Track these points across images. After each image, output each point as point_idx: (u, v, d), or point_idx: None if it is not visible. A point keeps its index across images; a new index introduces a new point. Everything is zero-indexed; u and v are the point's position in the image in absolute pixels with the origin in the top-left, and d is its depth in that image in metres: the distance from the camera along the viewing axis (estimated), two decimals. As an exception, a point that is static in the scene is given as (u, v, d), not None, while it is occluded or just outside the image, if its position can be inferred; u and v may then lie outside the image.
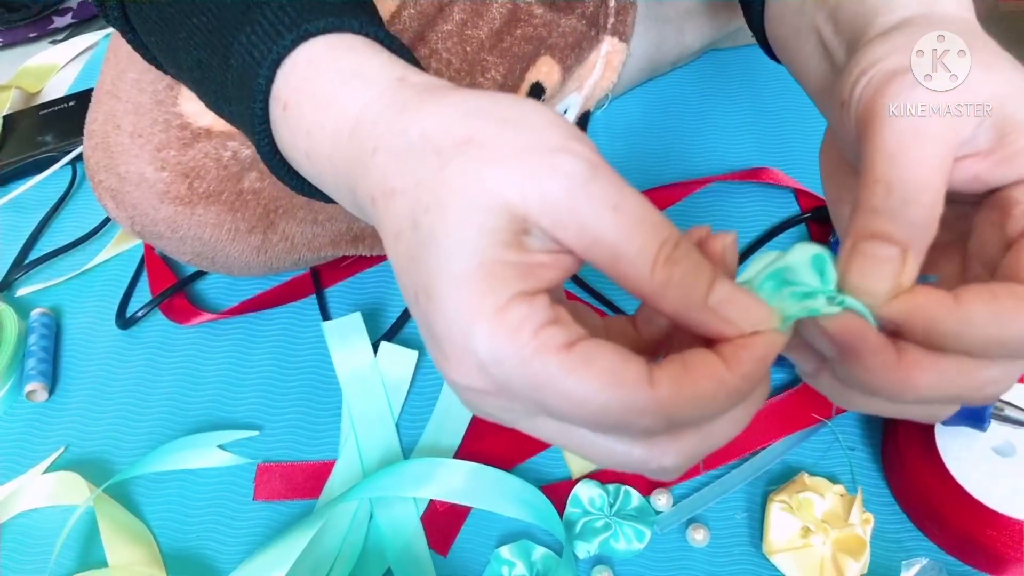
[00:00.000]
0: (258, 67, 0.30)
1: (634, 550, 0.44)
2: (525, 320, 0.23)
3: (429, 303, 0.24)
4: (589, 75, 0.65)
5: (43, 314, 0.60)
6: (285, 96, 0.30)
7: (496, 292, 0.23)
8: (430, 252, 0.24)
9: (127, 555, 0.47)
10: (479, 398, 0.25)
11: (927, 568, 0.41)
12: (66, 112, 0.78)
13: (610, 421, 0.23)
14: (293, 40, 0.30)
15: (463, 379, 0.24)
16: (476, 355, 0.23)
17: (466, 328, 0.23)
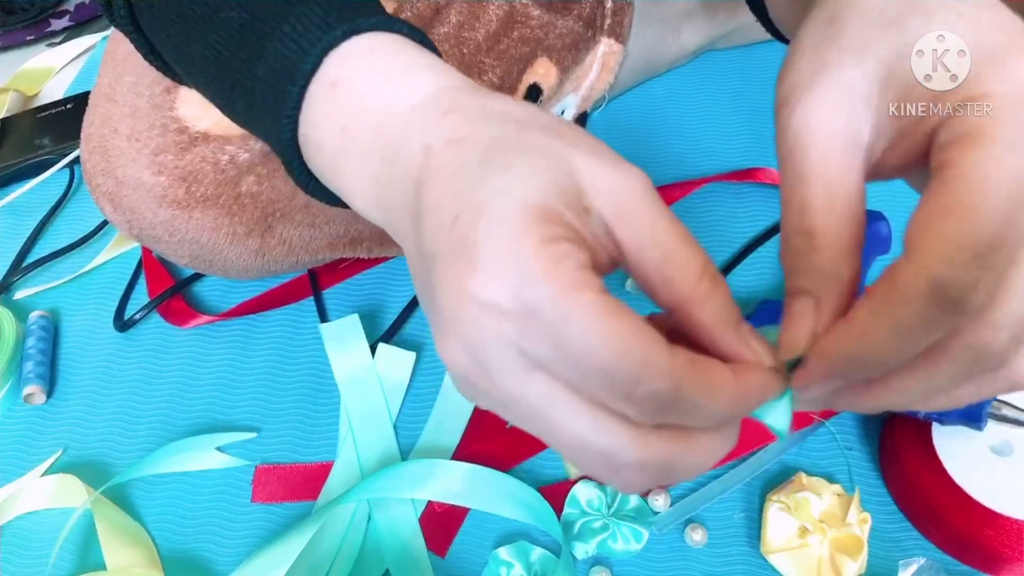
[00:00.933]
0: (305, 53, 0.30)
1: (632, 551, 0.45)
2: (569, 255, 0.23)
3: (478, 217, 0.24)
4: (586, 76, 0.65)
5: (41, 317, 0.60)
6: (335, 76, 0.30)
7: (550, 227, 0.23)
8: (498, 179, 0.24)
9: (125, 557, 0.47)
10: (491, 322, 0.23)
11: (924, 568, 0.41)
12: (64, 115, 0.78)
13: (626, 371, 0.22)
14: (345, 31, 0.30)
15: (490, 293, 0.23)
16: (516, 270, 0.23)
17: (515, 243, 0.23)
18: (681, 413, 0.24)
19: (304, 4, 0.31)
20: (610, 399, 0.24)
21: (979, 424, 0.42)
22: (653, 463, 0.24)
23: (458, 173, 0.25)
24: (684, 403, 0.23)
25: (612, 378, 0.23)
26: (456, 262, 0.24)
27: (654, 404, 0.23)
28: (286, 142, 0.32)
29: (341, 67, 0.30)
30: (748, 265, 0.58)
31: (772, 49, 0.73)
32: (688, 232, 0.25)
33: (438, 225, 0.25)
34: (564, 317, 0.22)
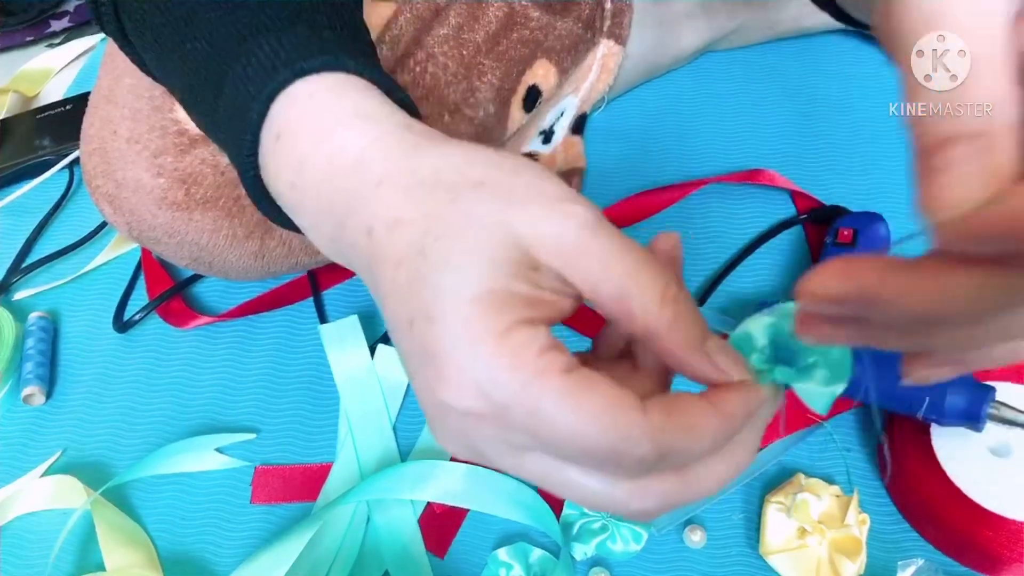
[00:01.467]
0: (252, 101, 0.30)
1: (631, 551, 0.45)
2: (528, 343, 0.23)
3: (429, 325, 0.24)
4: (585, 78, 0.65)
5: (41, 318, 0.60)
6: (279, 127, 0.30)
7: (503, 316, 0.23)
8: (438, 277, 0.24)
9: (124, 558, 0.47)
10: (469, 426, 0.24)
11: (923, 569, 0.41)
12: (63, 116, 0.78)
13: (606, 448, 0.23)
14: (287, 77, 0.30)
15: (460, 400, 0.24)
16: (478, 375, 0.23)
17: (470, 348, 0.23)
18: (674, 461, 0.24)
19: (256, 39, 0.31)
20: (601, 468, 0.24)
21: (978, 425, 0.42)
22: (659, 505, 0.25)
23: (399, 268, 0.25)
24: (671, 455, 0.24)
25: (596, 456, 0.23)
26: (424, 369, 0.25)
27: (643, 466, 0.24)
28: (250, 183, 0.32)
29: (284, 116, 0.30)
30: (747, 267, 0.58)
31: (771, 50, 0.73)
32: (644, 257, 0.25)
33: (397, 324, 0.25)
34: (534, 409, 0.23)
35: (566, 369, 0.23)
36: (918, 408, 0.42)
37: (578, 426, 0.23)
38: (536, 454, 0.25)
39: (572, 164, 0.65)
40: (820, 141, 0.66)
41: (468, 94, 0.54)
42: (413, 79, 0.53)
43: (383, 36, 0.52)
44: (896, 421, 0.46)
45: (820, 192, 0.61)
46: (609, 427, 0.23)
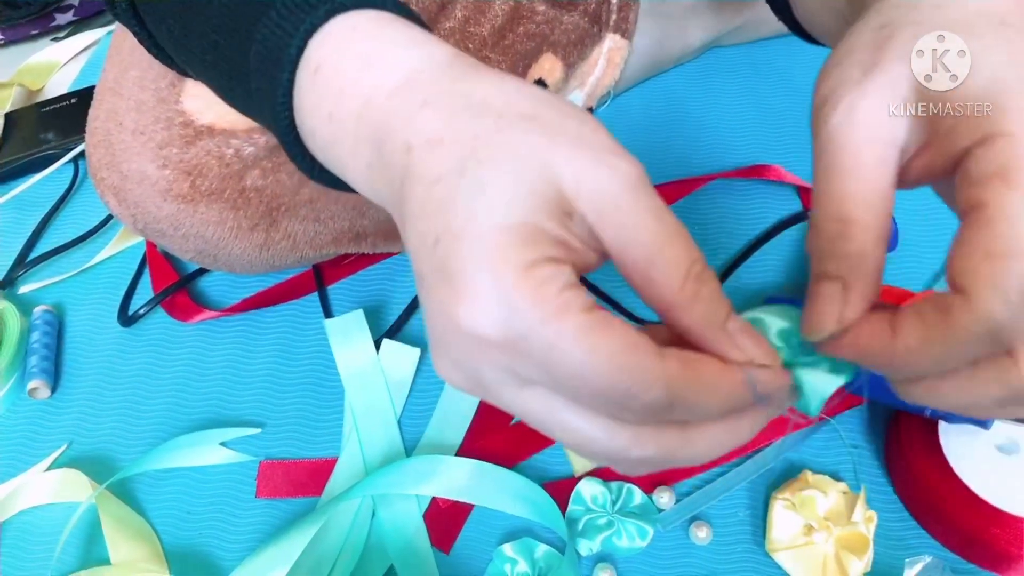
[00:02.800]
0: (289, 37, 0.30)
1: (637, 548, 0.44)
2: (552, 278, 0.23)
3: (456, 244, 0.24)
4: (591, 72, 0.65)
5: (45, 311, 0.60)
6: (318, 60, 0.29)
7: (531, 248, 0.23)
8: (473, 199, 0.24)
9: (129, 552, 0.47)
10: (479, 351, 0.24)
11: (930, 566, 0.41)
12: (68, 109, 0.78)
13: (618, 387, 0.23)
14: (327, 11, 0.29)
15: (475, 322, 0.23)
16: (499, 300, 0.23)
17: (495, 272, 0.23)
18: (679, 414, 0.24)
19: None
20: (608, 411, 0.24)
21: (986, 423, 0.42)
22: (654, 458, 0.25)
23: (436, 185, 0.25)
24: (680, 406, 0.24)
25: (606, 396, 0.23)
26: (441, 289, 0.24)
27: (651, 412, 0.24)
28: (283, 130, 0.31)
29: (323, 50, 0.30)
30: (754, 262, 0.57)
31: (778, 45, 0.73)
32: (677, 228, 0.25)
33: (420, 243, 0.25)
34: (551, 344, 0.23)
35: (587, 308, 0.23)
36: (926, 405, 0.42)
37: (594, 363, 0.22)
38: (540, 389, 0.24)
39: (578, 159, 0.65)
40: (827, 137, 0.65)
41: (474, 88, 0.54)
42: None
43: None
44: (903, 418, 0.46)
45: (827, 188, 0.60)
46: (624, 366, 0.23)
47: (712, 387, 0.24)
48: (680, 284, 0.24)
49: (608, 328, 0.23)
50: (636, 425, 0.24)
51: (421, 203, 0.25)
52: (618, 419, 0.24)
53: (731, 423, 0.26)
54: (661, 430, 0.25)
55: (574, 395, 0.24)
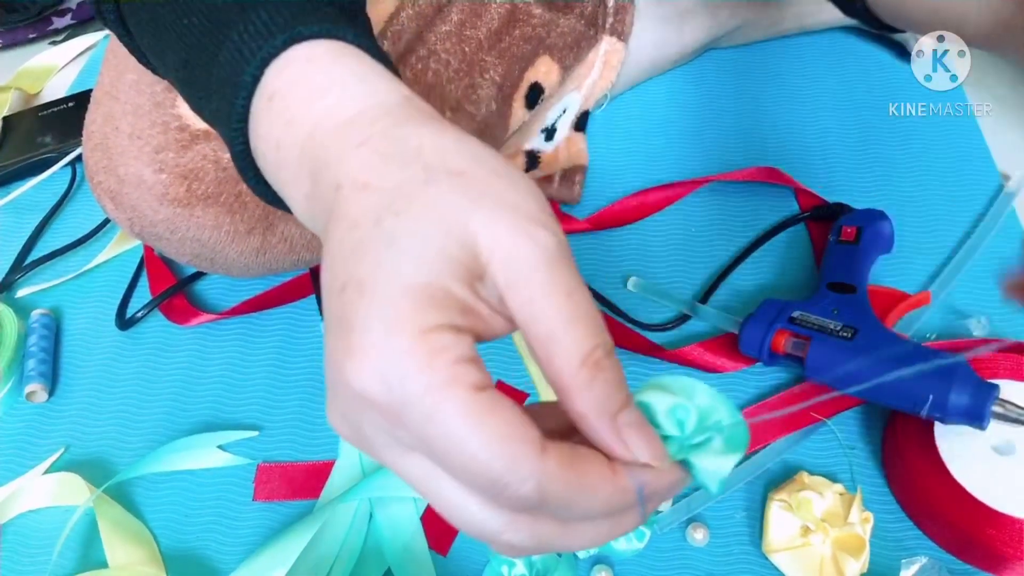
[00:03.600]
0: (246, 63, 0.30)
1: (634, 549, 0.44)
2: (447, 348, 0.22)
3: (359, 295, 0.23)
4: (588, 75, 0.65)
5: (43, 315, 0.60)
6: (273, 88, 0.30)
7: (432, 313, 0.23)
8: (383, 252, 0.23)
9: (127, 556, 0.47)
10: (362, 409, 0.24)
11: (927, 567, 0.41)
12: (65, 113, 0.78)
13: (491, 476, 0.22)
14: (285, 40, 0.29)
15: (360, 380, 0.23)
16: (387, 362, 0.22)
17: (388, 332, 0.22)
18: (554, 512, 0.24)
19: (255, 9, 0.30)
20: (482, 492, 0.23)
21: (981, 423, 0.42)
22: (527, 546, 0.24)
23: (353, 230, 0.24)
24: (554, 506, 0.23)
25: (480, 479, 0.22)
26: (336, 337, 0.24)
27: (522, 505, 0.23)
28: (237, 153, 0.32)
29: (279, 79, 0.30)
30: (750, 264, 0.58)
31: (774, 48, 0.73)
32: (586, 309, 0.24)
33: (329, 286, 0.25)
34: (430, 416, 0.22)
35: (477, 386, 0.22)
36: (922, 406, 0.42)
37: (470, 445, 0.22)
38: (420, 457, 0.24)
39: (574, 161, 0.65)
40: (823, 139, 0.65)
41: (470, 91, 0.54)
42: (415, 76, 0.52)
43: (385, 32, 0.52)
44: (900, 420, 0.46)
45: (823, 190, 0.60)
46: (500, 456, 0.22)
47: (593, 491, 0.23)
48: (577, 368, 0.23)
49: (492, 412, 0.22)
50: (512, 510, 0.24)
51: (337, 246, 0.25)
52: (494, 500, 0.23)
53: (615, 518, 0.25)
54: (537, 519, 0.24)
55: (450, 471, 0.23)
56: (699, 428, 0.25)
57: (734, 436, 0.26)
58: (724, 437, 0.26)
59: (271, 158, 0.30)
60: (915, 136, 0.64)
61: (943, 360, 0.43)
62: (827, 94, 0.69)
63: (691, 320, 0.55)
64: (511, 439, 0.22)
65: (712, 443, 0.26)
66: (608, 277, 0.58)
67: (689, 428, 0.26)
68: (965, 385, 0.42)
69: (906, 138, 0.64)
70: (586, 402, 0.24)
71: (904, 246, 0.56)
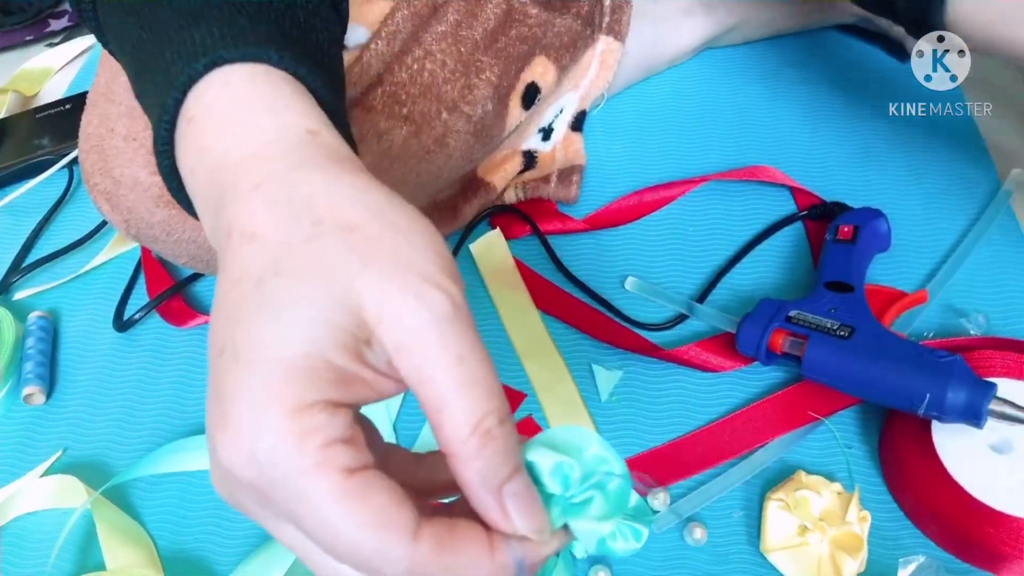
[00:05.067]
0: (170, 86, 0.29)
1: (632, 549, 0.44)
2: (320, 430, 0.22)
3: (234, 365, 0.23)
4: (584, 74, 0.65)
5: (40, 317, 0.60)
6: (193, 112, 0.29)
7: (306, 389, 0.22)
8: (260, 318, 0.23)
9: (125, 558, 0.47)
10: (233, 484, 0.23)
11: (924, 566, 0.41)
12: (63, 115, 0.78)
13: (359, 560, 0.22)
14: (206, 64, 0.29)
15: (230, 458, 0.22)
16: (254, 443, 0.22)
17: (259, 411, 0.22)
18: None
19: (190, 29, 0.30)
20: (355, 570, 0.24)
21: (979, 422, 0.42)
22: None
23: (236, 287, 0.24)
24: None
25: (351, 560, 0.23)
26: (212, 405, 0.23)
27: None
28: (164, 173, 0.31)
29: (197, 104, 0.29)
30: (748, 264, 0.58)
31: (770, 47, 0.73)
32: (479, 374, 0.23)
33: (212, 344, 0.24)
34: (299, 500, 0.22)
35: (349, 469, 0.22)
36: (919, 405, 0.42)
37: (340, 531, 0.22)
38: (294, 529, 0.24)
39: (571, 161, 0.65)
40: (820, 138, 0.65)
41: (466, 91, 0.54)
42: (411, 76, 0.52)
43: (379, 32, 0.52)
44: (897, 418, 0.46)
45: (820, 189, 0.60)
46: (369, 541, 0.22)
47: (469, 571, 0.23)
48: (466, 438, 0.23)
49: (362, 498, 0.22)
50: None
51: (221, 301, 0.24)
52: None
53: None
54: None
55: (322, 549, 0.23)
56: (584, 482, 0.26)
57: (618, 492, 0.26)
58: (605, 494, 0.26)
59: (188, 182, 0.30)
60: (912, 135, 0.64)
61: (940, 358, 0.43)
62: (824, 93, 0.69)
63: (688, 320, 0.55)
64: (381, 526, 0.22)
65: (593, 503, 0.26)
66: (605, 277, 0.58)
67: (573, 486, 0.26)
68: (962, 383, 0.42)
69: (903, 137, 0.64)
70: (472, 472, 0.23)
71: (901, 245, 0.56)
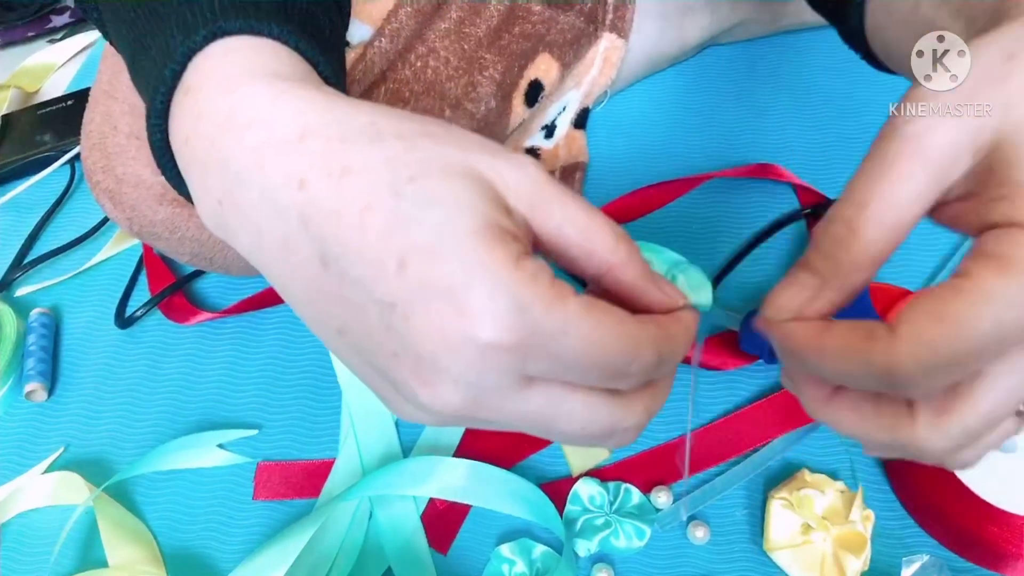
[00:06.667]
0: (169, 59, 0.29)
1: (634, 548, 0.44)
2: (540, 270, 0.24)
3: (434, 258, 0.23)
4: (588, 72, 0.65)
5: (42, 314, 0.60)
6: (190, 83, 0.29)
7: (508, 246, 0.23)
8: (430, 214, 0.23)
9: (127, 555, 0.47)
10: (488, 360, 0.23)
11: (928, 565, 0.41)
12: (65, 111, 0.78)
13: (620, 358, 0.24)
14: (205, 37, 0.29)
15: (488, 330, 0.23)
16: (504, 301, 0.23)
17: (492, 276, 0.23)
18: (661, 369, 0.26)
19: (189, 3, 0.30)
20: (608, 382, 0.25)
21: (983, 421, 0.42)
22: (641, 422, 0.27)
23: (371, 213, 0.24)
24: (665, 361, 0.26)
25: (612, 366, 0.25)
26: (434, 308, 0.23)
27: (645, 372, 0.26)
28: (154, 148, 0.31)
29: (196, 73, 0.29)
30: (751, 261, 0.57)
31: (774, 44, 0.73)
32: (586, 202, 0.26)
33: (378, 273, 0.23)
34: (561, 330, 0.23)
35: (575, 291, 0.24)
36: (923, 403, 0.42)
37: (601, 339, 0.24)
38: (539, 386, 0.25)
39: (574, 159, 0.65)
40: (823, 135, 0.65)
41: (469, 88, 0.54)
42: (414, 73, 0.52)
43: (383, 29, 0.52)
44: (901, 416, 0.46)
45: (824, 186, 0.60)
46: (626, 338, 0.24)
47: (679, 340, 0.27)
48: (615, 246, 0.26)
49: (600, 305, 0.24)
50: (624, 396, 0.26)
51: (355, 235, 0.24)
52: (611, 394, 0.26)
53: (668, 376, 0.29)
54: (641, 394, 0.27)
55: (578, 375, 0.25)
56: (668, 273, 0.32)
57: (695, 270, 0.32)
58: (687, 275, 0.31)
59: (182, 154, 0.29)
60: (916, 132, 0.64)
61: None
62: (827, 90, 0.69)
63: (692, 318, 0.54)
64: (626, 321, 0.25)
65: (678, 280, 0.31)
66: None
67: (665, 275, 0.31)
68: (966, 382, 0.41)
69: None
70: (634, 270, 0.27)
71: (905, 242, 0.56)
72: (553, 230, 0.26)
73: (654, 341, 0.25)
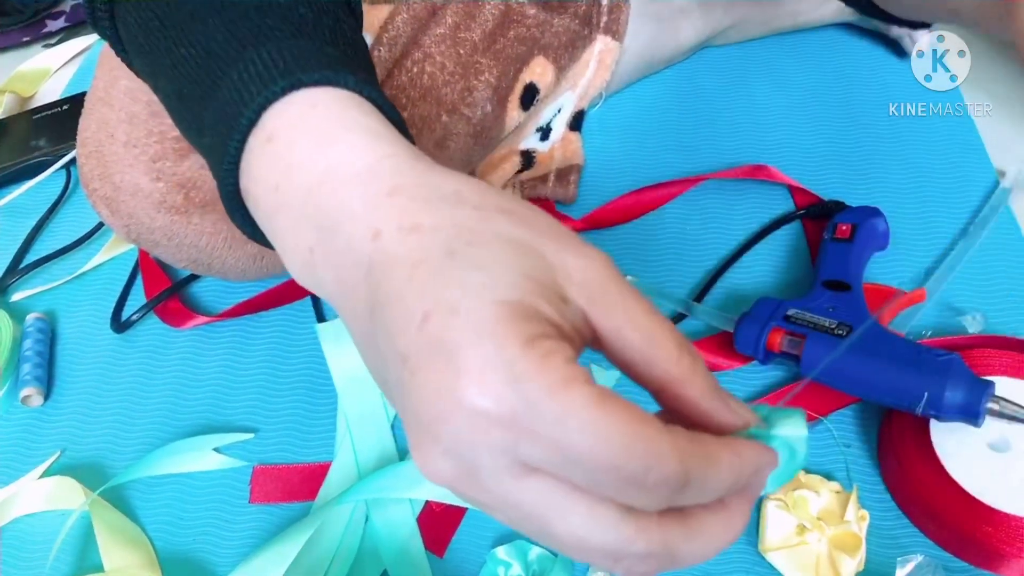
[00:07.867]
0: (244, 107, 0.29)
1: (630, 549, 0.44)
2: (555, 351, 0.23)
3: (452, 317, 0.23)
4: (583, 74, 0.65)
5: (38, 319, 0.60)
6: (272, 129, 0.29)
7: (532, 324, 0.23)
8: (470, 275, 0.23)
9: (123, 559, 0.47)
10: (480, 432, 0.22)
11: (923, 565, 0.41)
12: (60, 116, 0.78)
13: (633, 461, 0.22)
14: (284, 87, 0.29)
15: (479, 397, 0.22)
16: (503, 371, 0.22)
17: (499, 343, 0.22)
18: (691, 493, 0.23)
19: (256, 49, 0.30)
20: (618, 493, 0.23)
21: (977, 420, 0.42)
22: (658, 552, 0.24)
23: (420, 267, 0.24)
24: (695, 480, 0.23)
25: (621, 471, 0.22)
26: (435, 366, 0.23)
27: (666, 489, 0.23)
28: (226, 194, 0.31)
29: (278, 121, 0.29)
30: (746, 263, 0.57)
31: (768, 45, 0.73)
32: (653, 307, 0.26)
33: (405, 325, 0.23)
34: (561, 416, 0.22)
35: (591, 381, 0.23)
36: (917, 403, 0.42)
37: (607, 434, 0.22)
38: (541, 476, 0.23)
39: (570, 161, 0.65)
40: (818, 136, 0.65)
41: (466, 93, 0.54)
42: (411, 79, 0.52)
43: (380, 37, 0.52)
44: (895, 417, 0.46)
45: (818, 187, 0.60)
46: (639, 438, 0.22)
47: (719, 462, 0.24)
48: (678, 358, 0.25)
49: (616, 400, 0.22)
50: (639, 515, 0.23)
51: (400, 286, 0.24)
52: (622, 509, 0.23)
53: (726, 516, 0.25)
54: (665, 520, 0.24)
55: (582, 475, 0.22)
56: None
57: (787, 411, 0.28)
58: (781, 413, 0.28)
59: (267, 200, 0.29)
60: (909, 133, 0.64)
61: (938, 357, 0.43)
62: (822, 92, 0.69)
63: (687, 319, 0.55)
64: (644, 421, 0.22)
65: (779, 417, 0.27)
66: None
67: None
68: (960, 382, 0.42)
69: (900, 135, 0.64)
70: (697, 388, 0.25)
71: (899, 243, 0.56)
72: (612, 330, 0.25)
73: (678, 452, 0.22)
